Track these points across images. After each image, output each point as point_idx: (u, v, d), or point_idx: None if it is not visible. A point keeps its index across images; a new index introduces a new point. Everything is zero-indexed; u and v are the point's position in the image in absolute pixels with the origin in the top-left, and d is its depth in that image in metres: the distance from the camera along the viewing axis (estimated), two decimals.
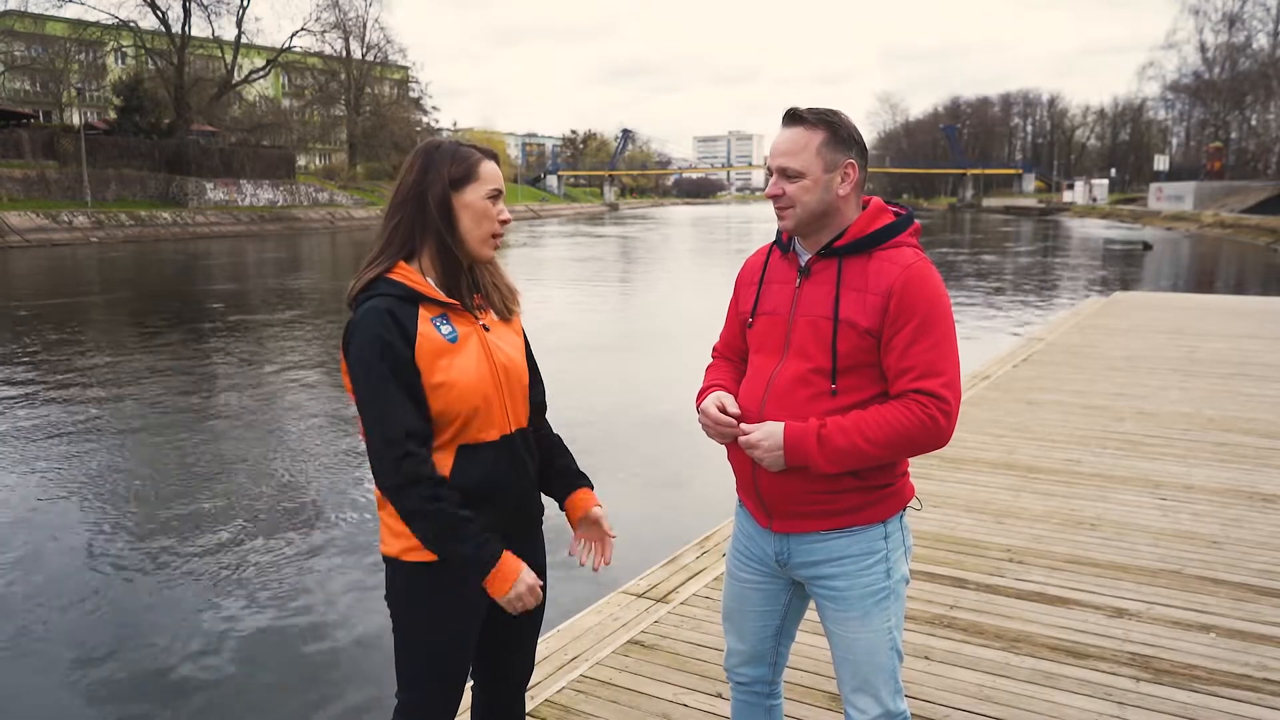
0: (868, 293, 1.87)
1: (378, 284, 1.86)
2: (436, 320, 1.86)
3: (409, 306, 1.84)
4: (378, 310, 1.82)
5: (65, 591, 5.27)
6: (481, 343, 1.92)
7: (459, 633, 1.96)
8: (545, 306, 18.73)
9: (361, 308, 1.85)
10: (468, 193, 1.89)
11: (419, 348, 1.82)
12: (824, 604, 2.03)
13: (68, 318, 18.05)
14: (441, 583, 1.91)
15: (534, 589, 1.90)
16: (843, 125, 1.90)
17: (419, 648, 1.95)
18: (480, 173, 1.90)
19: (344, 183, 67.83)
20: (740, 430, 1.94)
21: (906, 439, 1.84)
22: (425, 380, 1.83)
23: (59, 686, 4.29)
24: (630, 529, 6.36)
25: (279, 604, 5.10)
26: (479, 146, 1.96)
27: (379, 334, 1.80)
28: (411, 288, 1.85)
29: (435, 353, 1.84)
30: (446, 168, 1.89)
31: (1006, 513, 4.78)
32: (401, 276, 1.86)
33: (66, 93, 58.56)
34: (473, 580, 1.86)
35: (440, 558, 1.87)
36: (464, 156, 1.91)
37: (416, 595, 1.93)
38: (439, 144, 1.95)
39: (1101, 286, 22.10)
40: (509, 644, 2.11)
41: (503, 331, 2.00)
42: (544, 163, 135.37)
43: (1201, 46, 76.28)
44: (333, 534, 6.13)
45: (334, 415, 9.53)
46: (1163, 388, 7.76)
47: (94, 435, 8.73)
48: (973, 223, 67.28)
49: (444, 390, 1.84)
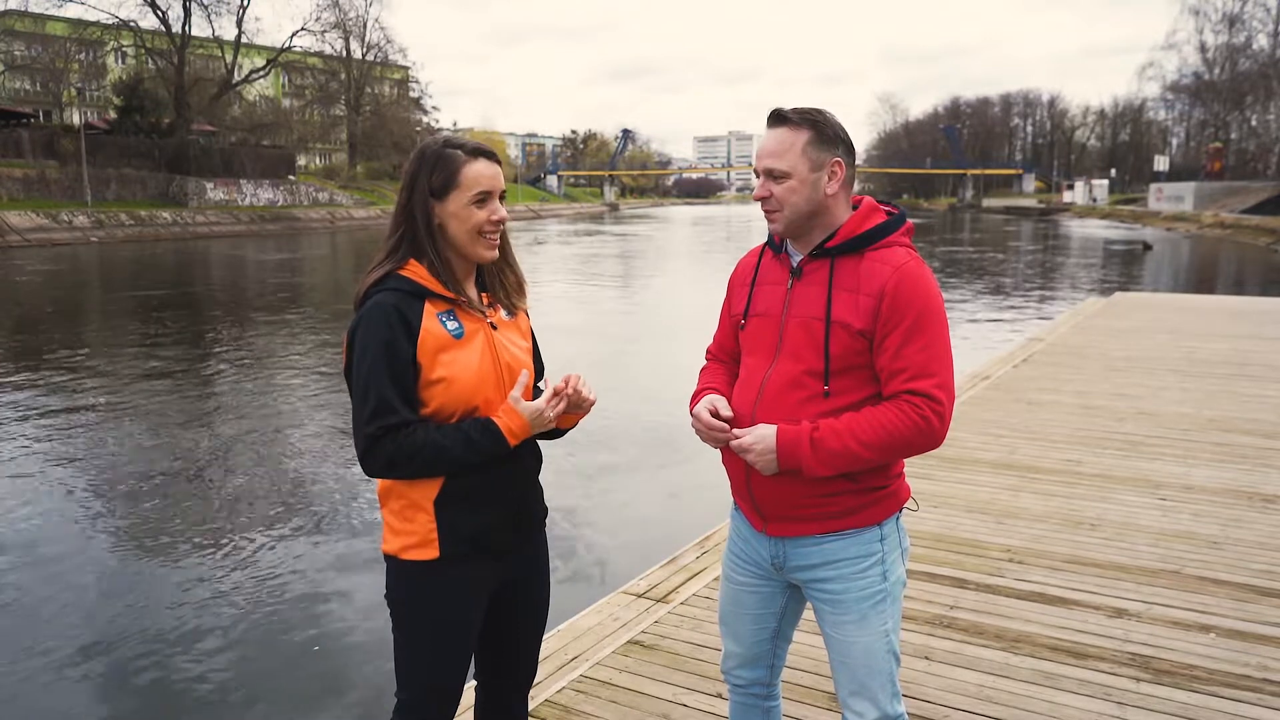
0: (860, 293, 1.86)
1: (386, 280, 1.87)
2: (443, 315, 1.87)
3: (415, 301, 1.85)
4: (383, 306, 1.83)
5: (66, 590, 5.26)
6: (488, 340, 1.92)
7: (458, 632, 1.95)
8: (545, 304, 18.72)
9: (368, 302, 1.85)
10: (450, 202, 1.87)
11: (422, 342, 1.83)
12: (820, 607, 2.02)
13: (73, 316, 18.05)
14: (441, 581, 1.90)
15: (549, 402, 1.88)
16: (828, 124, 1.89)
17: (418, 647, 1.95)
18: (462, 178, 1.87)
19: (344, 183, 67.79)
20: (732, 435, 1.93)
21: (900, 441, 1.83)
22: (426, 375, 1.83)
23: (61, 684, 4.28)
24: (630, 529, 6.38)
25: (279, 602, 5.09)
26: (467, 145, 1.91)
27: (382, 329, 1.81)
28: (419, 283, 1.86)
29: (438, 347, 1.84)
30: (427, 178, 1.87)
31: (1006, 513, 4.78)
32: (410, 273, 1.87)
33: (67, 92, 58.48)
34: (500, 447, 1.85)
35: (459, 469, 1.85)
36: (446, 163, 1.87)
37: (416, 594, 1.92)
38: (425, 149, 1.92)
39: (1101, 286, 22.09)
40: (511, 643, 2.10)
41: (510, 331, 2.00)
42: (544, 163, 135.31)
43: (1201, 47, 76.30)
44: (337, 533, 6.13)
45: (337, 414, 9.52)
46: (1163, 388, 7.75)
47: (94, 431, 8.72)
48: (973, 223, 67.26)
49: (444, 386, 1.84)
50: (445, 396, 1.85)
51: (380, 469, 1.84)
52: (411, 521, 1.90)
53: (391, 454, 1.80)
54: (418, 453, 1.80)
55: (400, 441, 1.80)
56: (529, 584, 2.08)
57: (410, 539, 1.90)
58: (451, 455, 1.83)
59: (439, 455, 1.82)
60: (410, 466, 1.82)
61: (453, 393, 1.85)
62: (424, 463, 1.82)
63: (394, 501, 1.93)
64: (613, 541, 6.04)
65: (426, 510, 1.89)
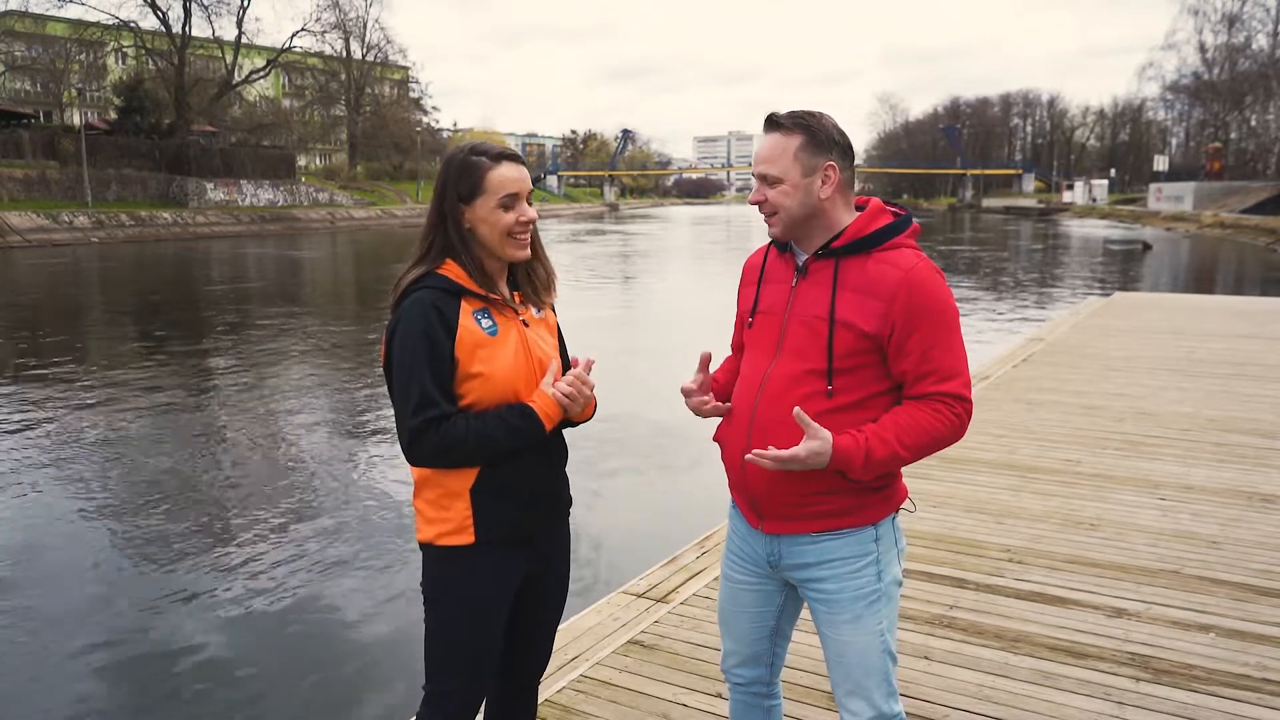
0: (868, 295, 1.87)
1: (425, 279, 1.95)
2: (478, 314, 1.95)
3: (452, 299, 1.93)
4: (423, 303, 1.91)
5: (68, 590, 5.27)
6: (521, 338, 2.01)
7: (490, 618, 2.01)
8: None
9: (408, 299, 1.93)
10: (478, 207, 1.96)
11: (460, 340, 1.91)
12: (815, 606, 2.03)
13: (74, 316, 18.05)
14: (475, 564, 1.97)
15: (572, 382, 1.97)
16: (821, 128, 1.89)
17: (451, 632, 2.00)
18: (488, 184, 1.95)
19: (344, 183, 67.81)
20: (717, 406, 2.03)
21: (938, 442, 1.88)
22: (464, 370, 1.92)
23: (66, 685, 4.29)
24: (630, 529, 6.38)
25: (298, 599, 5.10)
26: (491, 150, 1.98)
27: (423, 326, 1.89)
28: (456, 282, 1.94)
29: (475, 344, 1.92)
30: (456, 184, 1.95)
31: (1006, 513, 4.78)
32: (447, 272, 1.95)
33: (67, 93, 58.54)
34: (538, 432, 1.94)
35: (503, 455, 1.93)
36: (471, 169, 1.95)
37: (451, 578, 1.99)
38: (452, 157, 2.00)
39: (1101, 286, 22.10)
40: (530, 628, 2.16)
41: (540, 328, 2.08)
42: (544, 163, 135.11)
43: (1201, 47, 76.34)
44: (353, 526, 6.13)
45: (343, 413, 9.53)
46: (1162, 388, 7.76)
47: (95, 430, 8.73)
48: (973, 223, 67.26)
49: (481, 381, 1.92)
50: (482, 391, 1.93)
51: (425, 459, 1.91)
52: (448, 509, 1.97)
53: (436, 444, 1.88)
54: (461, 442, 1.88)
55: (444, 432, 1.87)
56: (553, 571, 2.15)
57: (446, 526, 1.96)
58: (494, 442, 1.91)
59: (481, 443, 1.90)
60: (454, 455, 1.90)
61: (489, 387, 1.93)
62: (467, 452, 1.90)
63: (430, 491, 1.98)
64: (613, 541, 6.04)
65: (463, 498, 1.95)
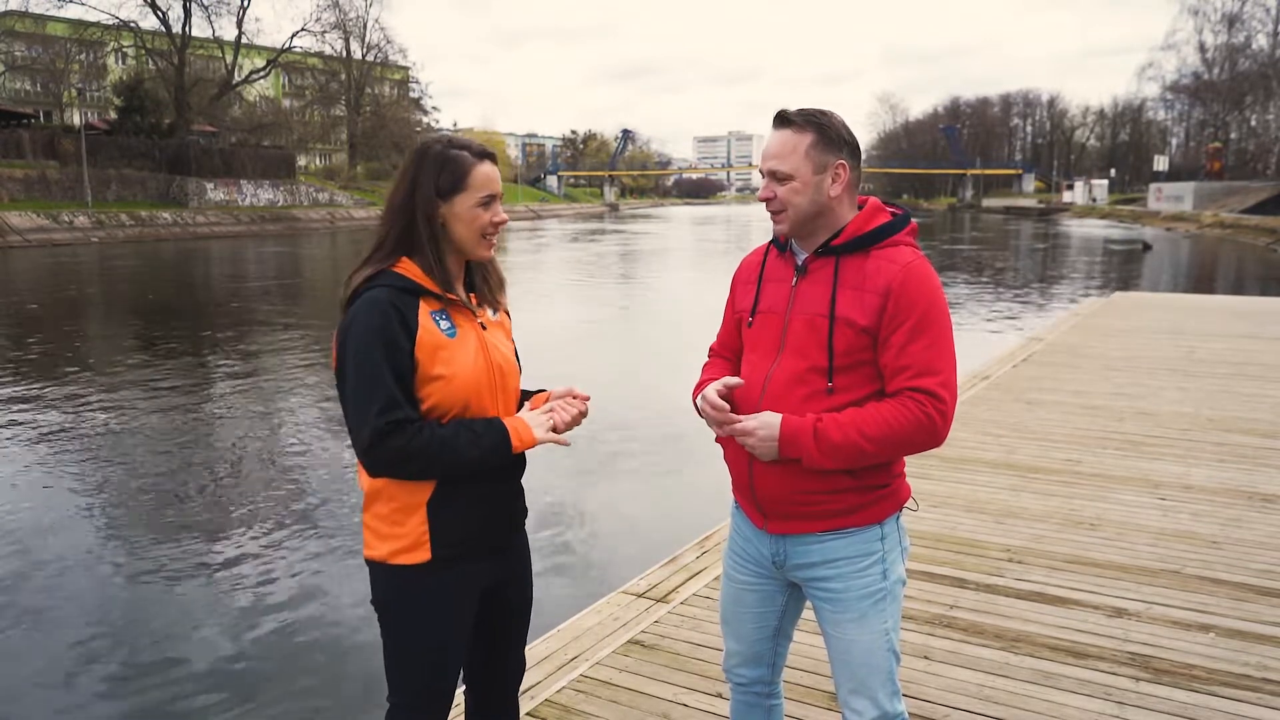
0: (865, 291, 1.87)
1: (378, 277, 1.85)
2: (436, 315, 1.86)
3: (410, 298, 1.83)
4: (380, 301, 1.80)
5: (69, 589, 5.27)
6: (480, 340, 1.92)
7: (451, 635, 1.94)
8: (545, 302, 18.72)
9: (362, 297, 1.82)
10: (457, 203, 1.87)
11: (420, 341, 1.81)
12: (820, 606, 2.02)
13: (72, 314, 18.05)
14: (433, 584, 1.89)
15: (559, 408, 1.95)
16: (832, 126, 1.90)
17: (409, 651, 1.93)
18: (470, 181, 1.86)
19: (344, 183, 67.81)
20: (734, 418, 1.93)
21: (903, 437, 1.84)
22: (424, 372, 1.82)
23: (64, 685, 4.29)
24: (630, 529, 6.38)
25: (277, 605, 5.09)
26: (473, 146, 1.91)
27: (380, 324, 1.78)
28: (413, 280, 1.85)
29: (435, 346, 1.83)
30: (434, 178, 1.86)
31: (1006, 513, 4.78)
32: (403, 269, 1.86)
33: (67, 93, 58.56)
34: (505, 454, 1.86)
35: (460, 470, 1.84)
36: (454, 164, 1.86)
37: (407, 598, 1.90)
38: (428, 148, 1.90)
39: (1101, 286, 22.09)
40: (501, 643, 2.10)
41: (497, 331, 2.01)
42: (544, 163, 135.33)
43: (1201, 47, 76.43)
44: (334, 535, 6.13)
45: (336, 417, 9.52)
46: (1162, 388, 7.75)
47: (94, 431, 8.72)
48: (973, 223, 67.25)
49: (442, 384, 1.83)
50: (443, 394, 1.83)
51: (385, 464, 1.80)
52: (401, 525, 1.87)
53: (399, 449, 1.76)
54: (423, 449, 1.78)
55: (408, 438, 1.77)
56: (515, 583, 2.08)
57: (399, 543, 1.87)
58: (458, 455, 1.81)
59: (444, 454, 1.79)
60: (415, 464, 1.80)
61: (449, 390, 1.84)
62: (429, 461, 1.79)
63: (382, 505, 1.89)
64: (613, 541, 6.04)
65: (418, 512, 1.86)
